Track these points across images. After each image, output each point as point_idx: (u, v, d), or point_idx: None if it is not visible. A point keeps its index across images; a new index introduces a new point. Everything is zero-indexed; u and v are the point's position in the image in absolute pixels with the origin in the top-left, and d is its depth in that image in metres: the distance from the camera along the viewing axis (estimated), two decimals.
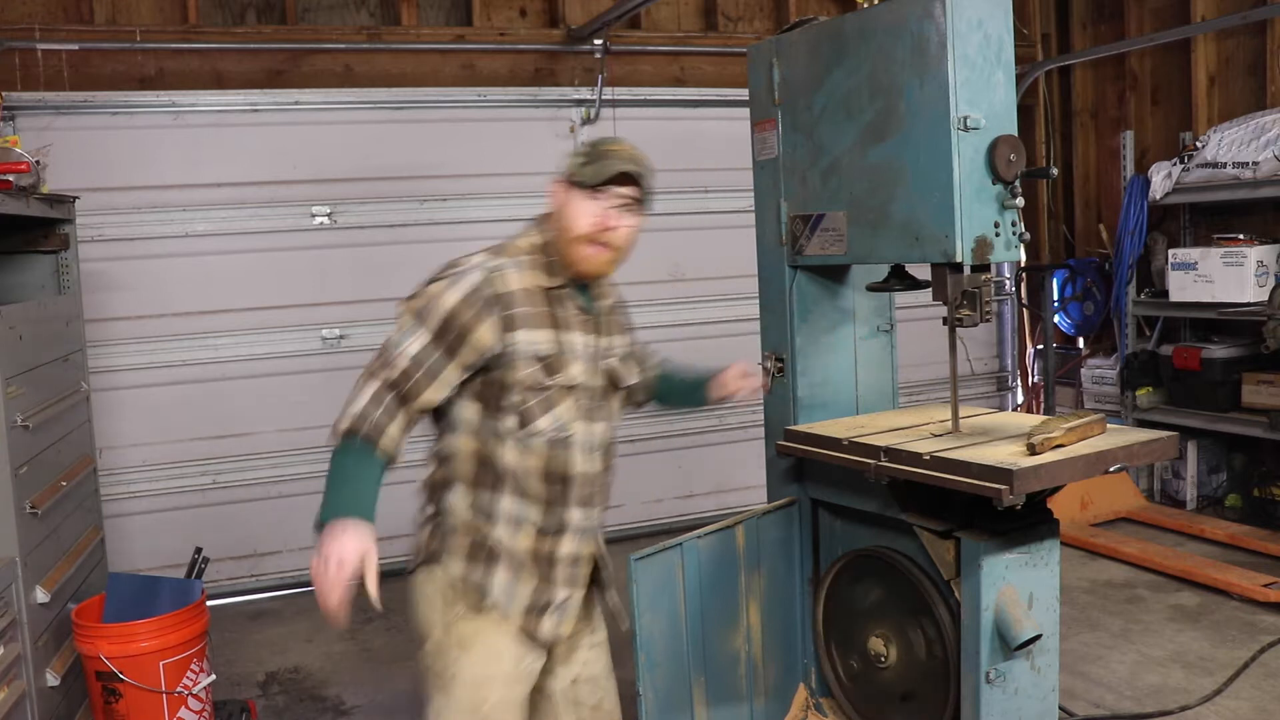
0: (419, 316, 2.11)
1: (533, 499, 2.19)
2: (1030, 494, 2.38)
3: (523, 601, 2.21)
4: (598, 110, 5.73)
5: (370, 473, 2.03)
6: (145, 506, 5.06)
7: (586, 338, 2.24)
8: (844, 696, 3.07)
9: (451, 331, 2.08)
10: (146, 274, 5.01)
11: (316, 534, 1.94)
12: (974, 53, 2.51)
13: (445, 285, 2.12)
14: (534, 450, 2.17)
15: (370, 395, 2.06)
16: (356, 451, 2.03)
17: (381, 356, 2.11)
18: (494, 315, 2.10)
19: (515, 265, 2.17)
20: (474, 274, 2.12)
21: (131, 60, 5.07)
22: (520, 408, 2.14)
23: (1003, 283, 6.79)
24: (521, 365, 2.12)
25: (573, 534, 2.26)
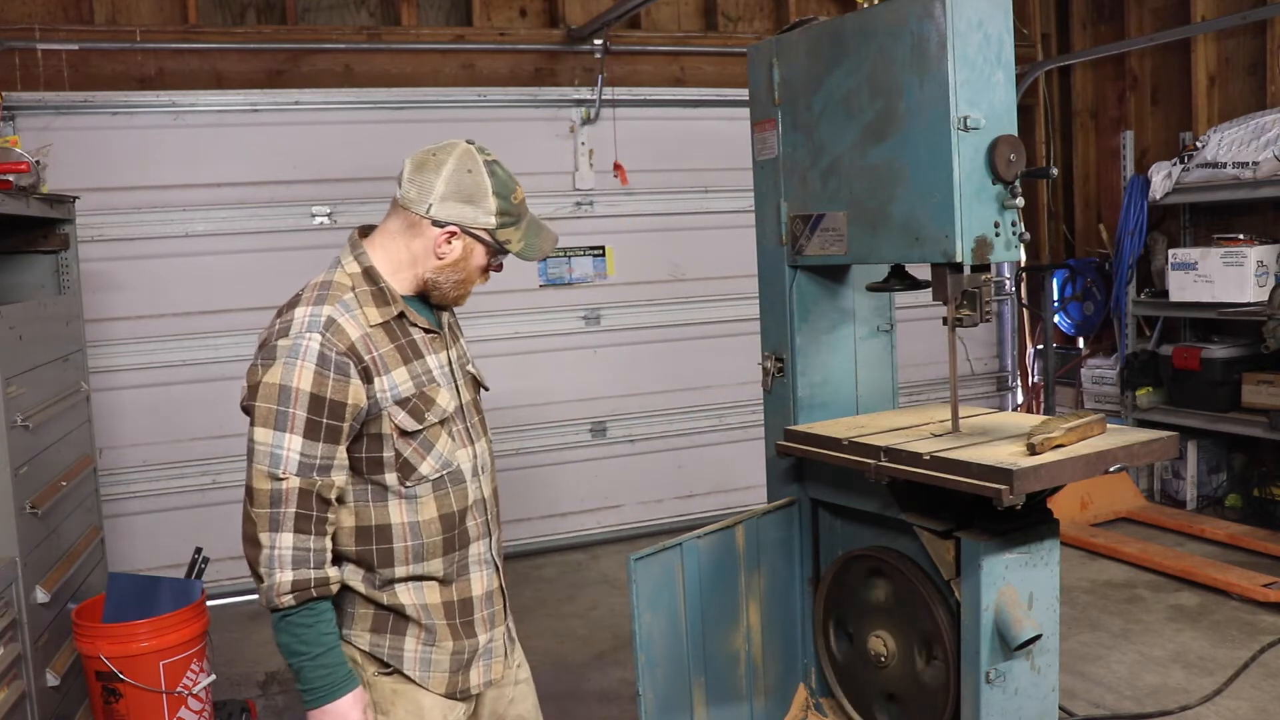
0: (278, 423, 1.83)
1: (430, 554, 1.99)
2: (1030, 494, 2.38)
3: (443, 666, 2.03)
4: (598, 110, 5.74)
5: (331, 632, 1.89)
6: (145, 506, 5.07)
7: (439, 356, 2.04)
8: (844, 696, 3.07)
9: (322, 415, 1.84)
10: (146, 274, 5.02)
11: (309, 709, 1.89)
12: (974, 53, 2.51)
13: (285, 367, 1.84)
14: (423, 499, 1.97)
15: (288, 549, 1.83)
16: (306, 617, 1.85)
17: (264, 490, 1.83)
18: (352, 373, 1.87)
19: (345, 309, 1.92)
20: (310, 340, 1.85)
21: (131, 60, 5.07)
22: (398, 461, 1.94)
23: (1003, 283, 6.80)
24: (388, 415, 1.91)
25: (479, 571, 2.08)
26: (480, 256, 2.02)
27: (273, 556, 1.83)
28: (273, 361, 1.86)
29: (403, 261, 2.01)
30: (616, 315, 5.90)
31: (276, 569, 1.82)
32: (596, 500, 5.91)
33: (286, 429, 1.83)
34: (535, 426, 5.76)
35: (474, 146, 2.03)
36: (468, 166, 1.98)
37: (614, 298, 5.88)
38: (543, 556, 5.65)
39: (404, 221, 2.00)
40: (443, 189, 1.97)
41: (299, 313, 1.91)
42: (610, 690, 3.98)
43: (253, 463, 1.85)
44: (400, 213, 2.01)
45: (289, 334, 1.88)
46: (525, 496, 5.66)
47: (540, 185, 5.67)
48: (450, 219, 1.97)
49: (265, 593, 1.84)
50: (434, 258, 1.99)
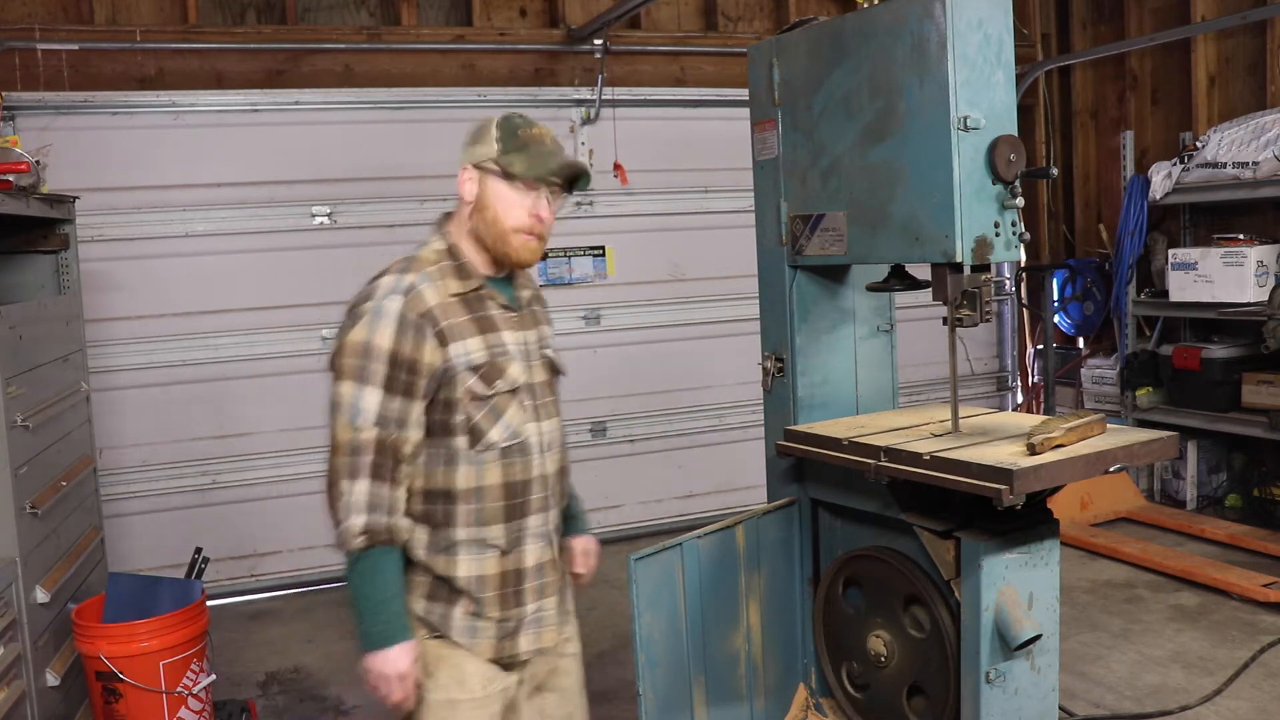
0: (360, 376, 1.97)
1: (491, 519, 2.08)
2: (1030, 494, 2.38)
3: (489, 633, 2.10)
4: (598, 110, 5.74)
5: (396, 581, 2.01)
6: (145, 506, 5.06)
7: (516, 334, 2.14)
8: (844, 696, 3.07)
9: (400, 371, 1.98)
10: (146, 274, 5.02)
11: (363, 652, 1.99)
12: (974, 53, 2.51)
13: (369, 327, 1.99)
14: (489, 465, 2.07)
15: (364, 495, 1.95)
16: (376, 561, 1.97)
17: (344, 440, 1.96)
18: (428, 335, 2.00)
19: (427, 279, 2.05)
20: (392, 301, 2.00)
21: (131, 60, 5.07)
22: (468, 424, 2.04)
23: (1003, 283, 6.80)
24: (460, 380, 2.02)
25: (534, 543, 2.15)
26: (500, 190, 2.11)
27: (349, 502, 1.94)
28: (357, 322, 2.01)
29: (465, 234, 2.15)
30: (616, 315, 5.90)
31: (351, 513, 1.94)
32: (596, 500, 5.91)
33: (367, 382, 1.96)
34: None
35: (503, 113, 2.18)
36: (484, 123, 2.15)
37: (614, 298, 5.88)
38: None
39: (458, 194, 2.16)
40: (466, 147, 2.16)
41: (384, 280, 2.05)
42: (610, 690, 3.98)
43: (335, 414, 1.98)
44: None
45: (373, 297, 2.02)
46: None
47: None
48: (463, 161, 2.15)
49: (340, 536, 1.95)
50: (465, 207, 2.14)
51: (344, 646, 4.51)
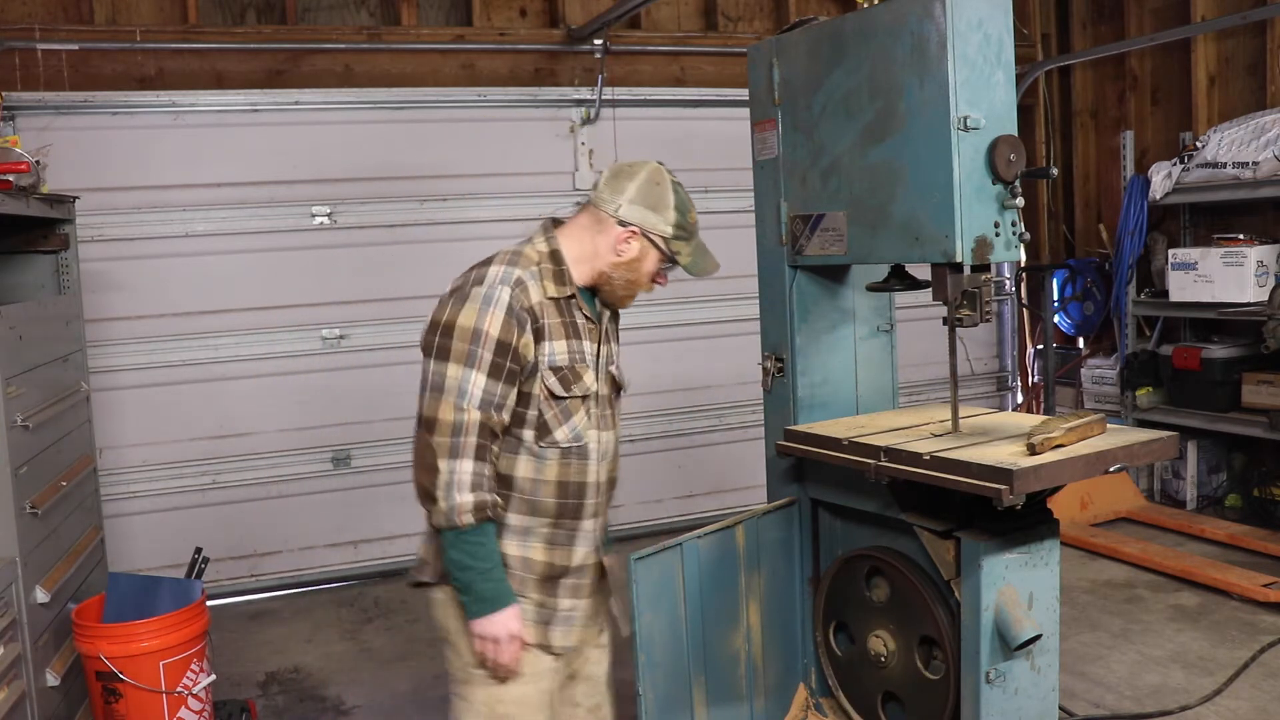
0: (468, 359, 2.07)
1: (542, 513, 2.21)
2: (1030, 494, 2.38)
3: (530, 616, 2.22)
4: (598, 110, 5.74)
5: (497, 550, 2.14)
6: (145, 506, 5.06)
7: (594, 346, 2.26)
8: (844, 696, 3.07)
9: (506, 358, 2.10)
10: (146, 274, 5.02)
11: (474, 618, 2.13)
12: (974, 53, 2.51)
13: (479, 311, 2.09)
14: (549, 462, 2.19)
15: (469, 474, 2.06)
16: (483, 534, 2.10)
17: (450, 420, 2.06)
18: (529, 329, 2.13)
19: (533, 276, 2.17)
20: (503, 291, 2.11)
21: (131, 60, 5.07)
22: (538, 420, 2.17)
23: (1003, 283, 6.80)
24: (542, 377, 2.15)
25: (581, 545, 2.28)
26: (652, 262, 2.28)
27: (452, 481, 2.05)
28: (465, 305, 2.10)
29: (585, 253, 2.25)
30: None
31: (456, 491, 2.05)
32: None
33: (475, 367, 2.07)
34: None
35: (664, 168, 2.29)
36: (656, 180, 2.25)
37: None
38: None
39: (593, 218, 2.26)
40: (632, 194, 2.23)
41: (494, 269, 2.15)
42: None
43: (439, 395, 2.07)
44: (590, 210, 2.27)
45: (484, 283, 2.12)
46: None
47: (540, 185, 5.66)
48: (634, 220, 2.23)
49: (445, 514, 2.06)
50: (613, 254, 2.24)
51: (344, 647, 4.51)
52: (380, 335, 5.40)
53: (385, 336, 5.40)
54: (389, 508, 5.33)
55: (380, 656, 4.36)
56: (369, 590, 5.23)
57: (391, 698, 3.94)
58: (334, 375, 5.35)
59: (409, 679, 4.08)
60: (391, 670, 4.21)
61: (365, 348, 5.39)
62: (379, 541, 5.40)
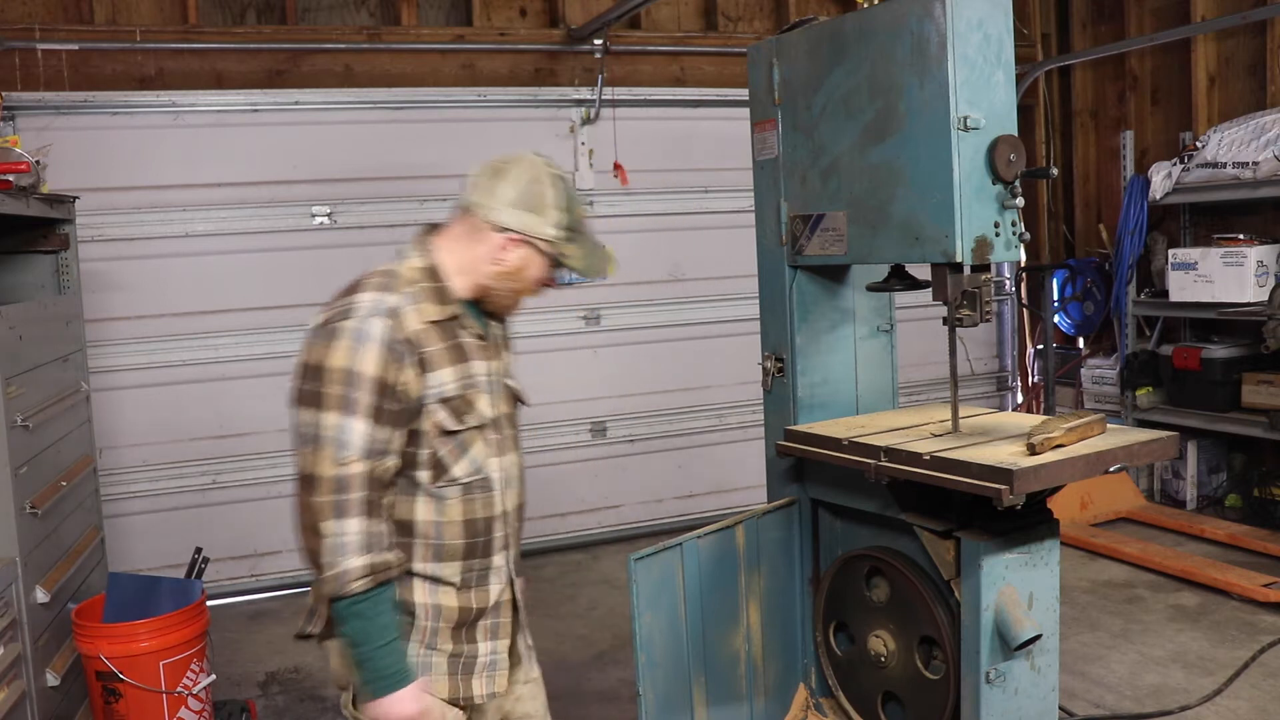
0: (344, 405, 1.81)
1: (449, 556, 1.99)
2: (1030, 494, 2.38)
3: (442, 669, 2.02)
4: (598, 110, 5.74)
5: (395, 620, 1.90)
6: (145, 506, 5.07)
7: (484, 364, 2.04)
8: (844, 696, 3.07)
9: (388, 399, 1.84)
10: (146, 274, 5.02)
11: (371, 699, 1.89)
12: (974, 53, 2.51)
13: (351, 349, 1.83)
14: (450, 501, 1.97)
15: (359, 534, 1.82)
16: (376, 601, 1.86)
17: (329, 476, 1.81)
18: (410, 362, 1.88)
19: (408, 300, 1.92)
20: (375, 323, 1.85)
21: (131, 60, 5.07)
22: (433, 458, 1.94)
23: (1003, 283, 6.80)
24: (430, 412, 1.92)
25: (495, 582, 2.07)
26: (538, 267, 2.05)
27: (340, 544, 1.81)
28: (334, 342, 1.84)
29: (463, 264, 2.02)
30: (616, 315, 5.90)
31: (344, 556, 1.81)
32: (596, 500, 5.91)
33: (352, 413, 1.81)
34: (535, 426, 5.75)
35: (543, 160, 2.07)
36: (535, 177, 2.03)
37: (614, 298, 5.87)
38: (543, 556, 5.65)
39: (468, 225, 2.03)
40: (509, 196, 2.00)
41: (363, 297, 1.90)
42: (610, 690, 3.98)
43: (316, 448, 1.82)
44: (465, 216, 2.04)
45: (352, 316, 1.87)
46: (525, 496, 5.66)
47: None
48: (513, 226, 2.00)
49: (333, 581, 1.81)
50: (493, 263, 2.01)
51: None
52: None
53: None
54: None
55: None
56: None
57: None
58: None
59: None
60: None
61: None
62: None
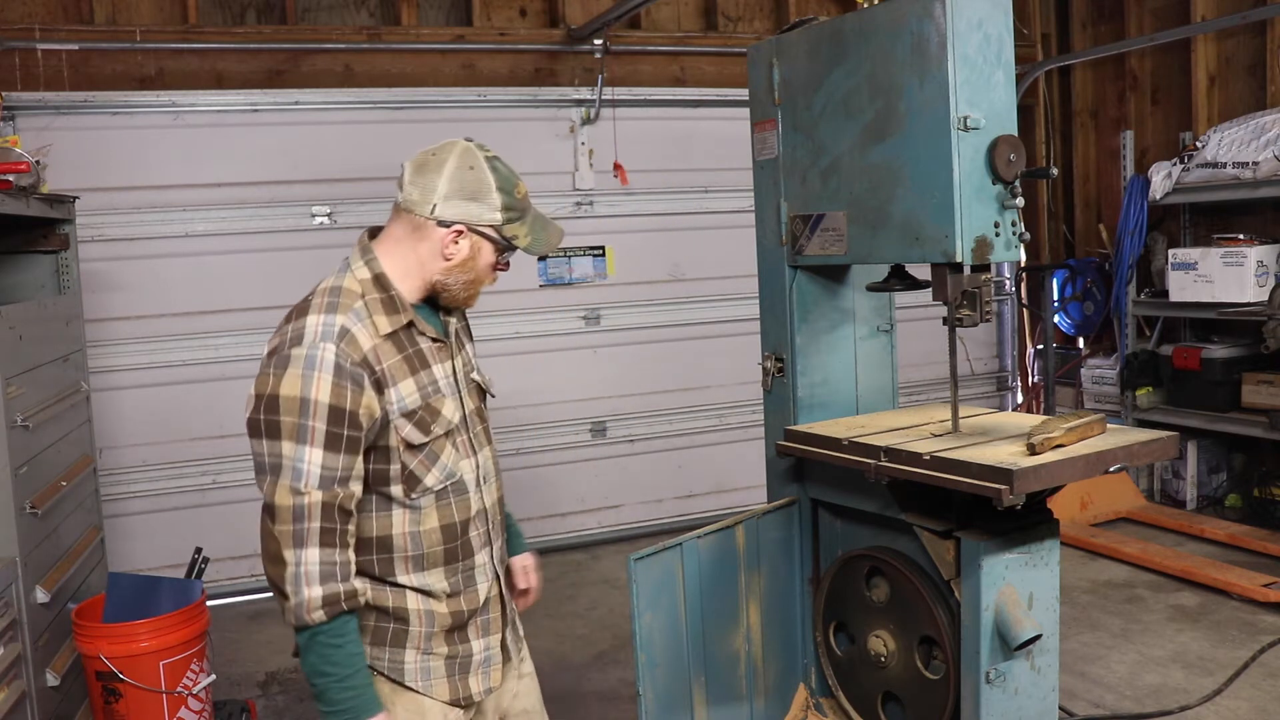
0: (298, 434, 1.77)
1: (430, 564, 1.97)
2: (1030, 494, 2.38)
3: (440, 673, 2.02)
4: (598, 110, 5.74)
5: (360, 649, 1.87)
6: (145, 506, 5.07)
7: (445, 366, 2.00)
8: (844, 696, 3.07)
9: (343, 426, 1.80)
10: (146, 274, 5.02)
11: None
12: (974, 53, 2.51)
13: (303, 377, 1.78)
14: (425, 510, 1.94)
15: (316, 564, 1.78)
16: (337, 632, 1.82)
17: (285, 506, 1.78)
18: (366, 383, 1.83)
19: (357, 317, 1.86)
20: (326, 349, 1.80)
21: (131, 60, 5.07)
22: (403, 473, 1.91)
23: (1003, 283, 6.80)
24: (395, 428, 1.88)
25: (481, 580, 2.05)
26: (488, 254, 1.99)
27: (299, 574, 1.78)
28: (285, 371, 1.79)
29: (410, 266, 1.96)
30: (616, 315, 5.90)
31: (304, 585, 1.78)
32: (596, 500, 5.91)
33: (307, 442, 1.77)
34: (535, 426, 5.76)
35: (473, 144, 2.00)
36: (469, 164, 1.95)
37: (614, 298, 5.88)
38: (543, 556, 5.61)
39: (408, 225, 1.96)
40: (446, 188, 1.94)
41: (311, 321, 1.84)
42: (610, 690, 3.98)
43: (273, 478, 1.79)
44: (404, 216, 1.97)
45: (302, 342, 1.81)
46: (525, 496, 5.66)
47: (540, 185, 5.65)
48: (456, 218, 1.93)
49: (294, 611, 1.80)
50: (441, 259, 1.95)
51: None
52: None
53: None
54: None
55: None
56: None
57: None
58: None
59: None
60: None
61: None
62: None
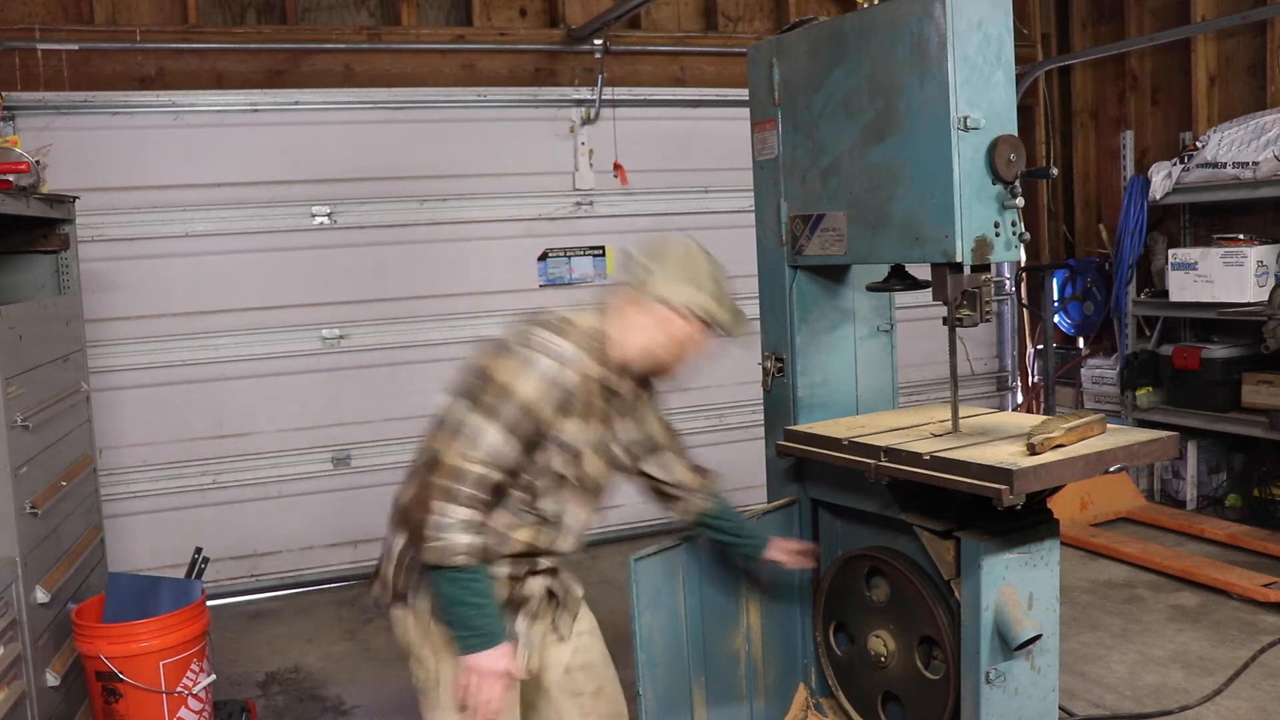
0: (492, 413, 2.09)
1: (502, 560, 2.23)
2: (1030, 494, 2.38)
3: None
4: (598, 110, 5.74)
5: (490, 591, 2.15)
6: (145, 506, 5.06)
7: (614, 429, 2.33)
8: (844, 696, 3.07)
9: (526, 423, 2.12)
10: (146, 274, 5.02)
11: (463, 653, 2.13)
12: (974, 53, 2.51)
13: (520, 372, 2.12)
14: (524, 525, 2.23)
15: (462, 518, 2.07)
16: (475, 574, 2.11)
17: (454, 465, 2.07)
18: (558, 402, 2.15)
19: (577, 354, 2.19)
20: (547, 362, 2.14)
21: (131, 60, 5.07)
22: (531, 486, 2.20)
23: (1003, 283, 6.80)
24: (553, 452, 2.19)
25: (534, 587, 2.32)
26: (696, 334, 2.31)
27: (444, 522, 2.05)
28: (506, 360, 2.13)
29: (628, 333, 2.28)
30: None
31: (450, 534, 2.05)
32: None
33: (496, 423, 2.08)
34: None
35: (692, 239, 2.36)
36: (690, 255, 2.31)
37: None
38: None
39: (634, 300, 2.29)
40: (670, 273, 2.27)
41: (547, 336, 2.18)
42: None
43: (454, 438, 2.09)
44: (630, 292, 2.30)
45: (530, 346, 2.15)
46: None
47: (540, 185, 5.67)
48: (676, 299, 2.26)
49: (437, 551, 2.06)
50: (659, 334, 2.28)
51: (344, 647, 4.51)
52: (380, 335, 5.40)
53: (385, 336, 5.40)
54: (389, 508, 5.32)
55: (380, 656, 4.36)
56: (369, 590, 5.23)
57: (391, 697, 3.94)
58: (334, 375, 5.35)
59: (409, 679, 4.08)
60: (391, 670, 4.21)
61: (365, 348, 5.39)
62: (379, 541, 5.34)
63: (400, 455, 5.43)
